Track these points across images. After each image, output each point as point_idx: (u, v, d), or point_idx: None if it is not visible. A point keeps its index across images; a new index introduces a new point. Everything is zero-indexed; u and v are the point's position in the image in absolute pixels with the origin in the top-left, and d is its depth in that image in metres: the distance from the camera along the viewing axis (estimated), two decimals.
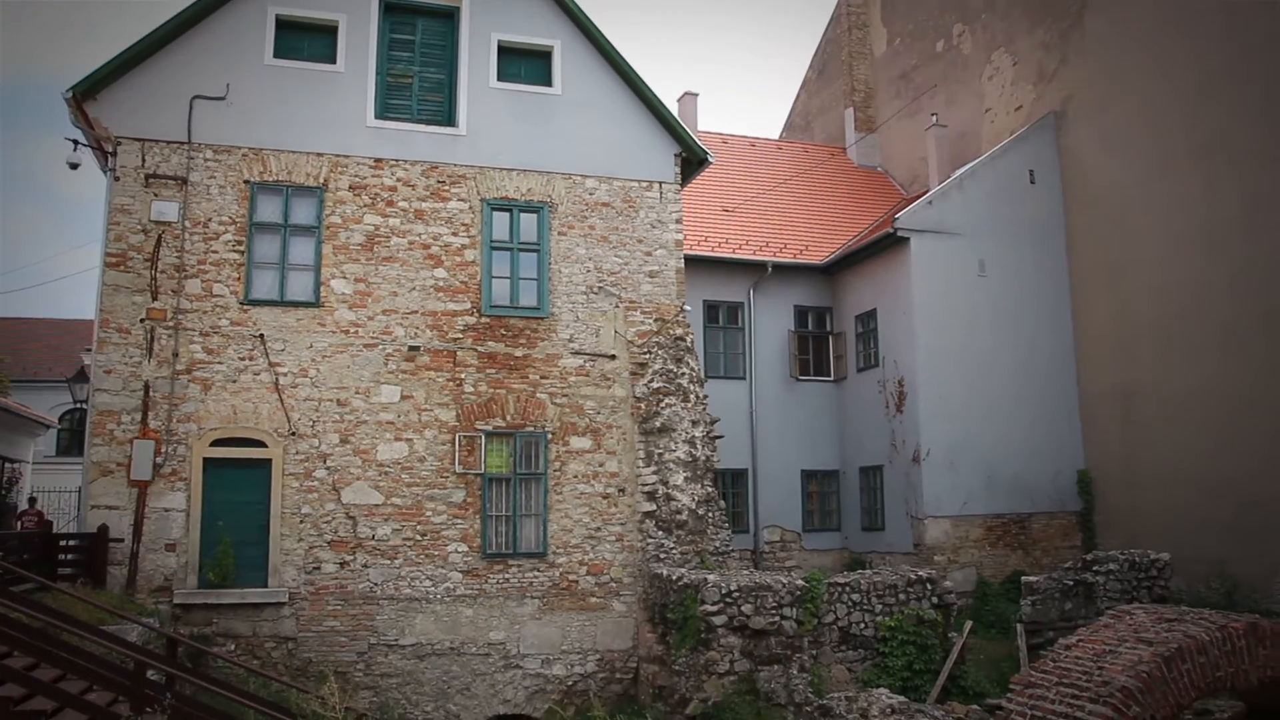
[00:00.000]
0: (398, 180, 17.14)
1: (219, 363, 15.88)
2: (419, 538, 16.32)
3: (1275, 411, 18.95)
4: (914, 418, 22.32)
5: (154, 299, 15.74)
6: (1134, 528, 21.54)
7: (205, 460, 15.57)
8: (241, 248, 16.21)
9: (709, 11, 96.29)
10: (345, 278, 16.65)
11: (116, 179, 15.90)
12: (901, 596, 15.38)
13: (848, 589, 15.27)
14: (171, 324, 15.74)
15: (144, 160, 15.98)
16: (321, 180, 16.74)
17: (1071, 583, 16.30)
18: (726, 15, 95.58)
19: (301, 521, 15.87)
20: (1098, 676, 6.24)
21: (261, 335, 16.09)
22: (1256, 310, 19.44)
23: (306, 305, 16.41)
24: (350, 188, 16.89)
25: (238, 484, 15.63)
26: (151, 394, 15.52)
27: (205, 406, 15.73)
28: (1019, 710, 6.49)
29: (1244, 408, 19.55)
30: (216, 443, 15.69)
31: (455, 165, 17.46)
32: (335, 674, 14.60)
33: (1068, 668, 6.51)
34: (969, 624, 16.41)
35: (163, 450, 15.41)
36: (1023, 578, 17.33)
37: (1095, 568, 16.44)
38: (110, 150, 15.96)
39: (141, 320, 15.64)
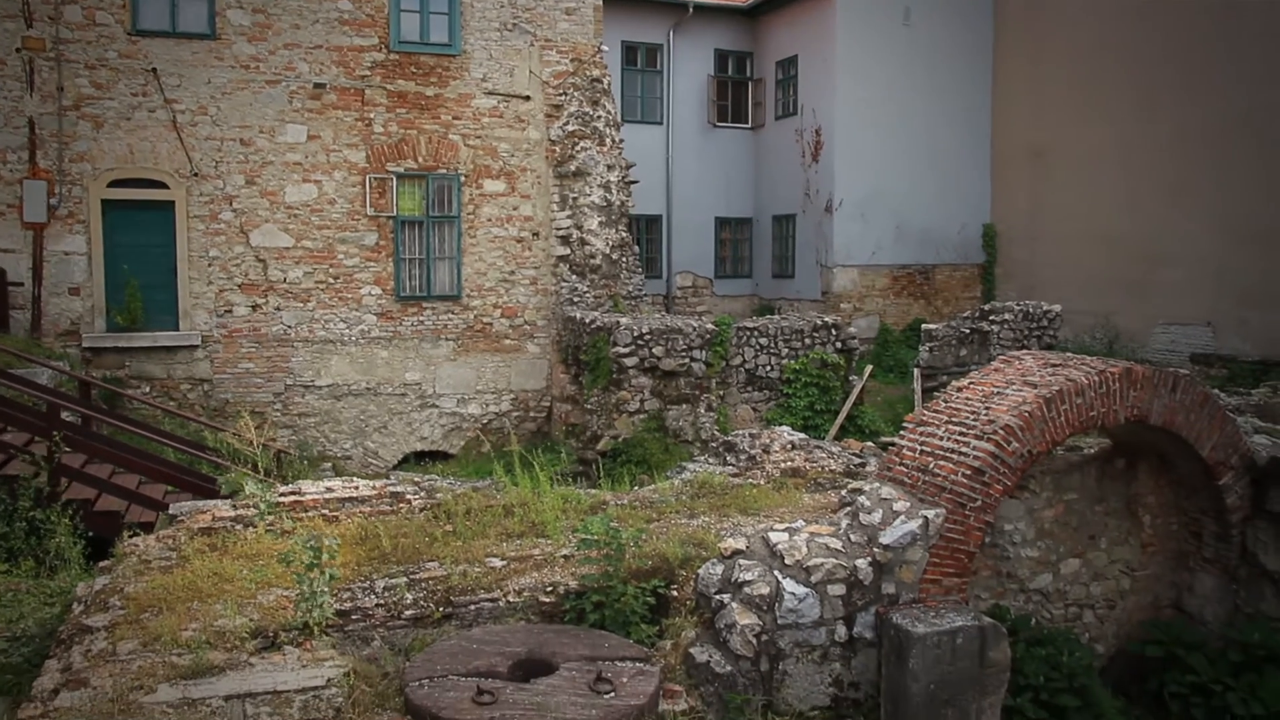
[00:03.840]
0: None
1: (109, 99, 15.02)
2: (331, 281, 16.22)
3: (1176, 173, 19.40)
4: (829, 168, 22.39)
5: (29, 26, 14.61)
6: (1031, 280, 22.40)
7: (104, 202, 15.05)
8: None
9: None
10: (242, 7, 15.60)
11: None
12: (807, 341, 15.89)
13: (756, 333, 15.71)
14: (52, 55, 14.71)
15: None
16: None
17: (968, 331, 17.02)
18: None
19: (210, 265, 15.60)
20: (984, 415, 6.65)
21: (154, 69, 15.17)
22: (1171, 74, 19.44)
23: (201, 37, 15.43)
24: None
25: (141, 226, 15.22)
26: (38, 131, 14.70)
27: (99, 145, 15.00)
28: (910, 446, 6.92)
29: (1147, 169, 19.96)
30: (115, 184, 15.11)
31: None
32: (252, 414, 14.81)
33: (958, 407, 6.91)
34: (869, 368, 17.17)
35: (56, 191, 14.79)
36: (922, 325, 18.04)
37: (991, 317, 17.13)
38: None
39: (17, 50, 14.57)
